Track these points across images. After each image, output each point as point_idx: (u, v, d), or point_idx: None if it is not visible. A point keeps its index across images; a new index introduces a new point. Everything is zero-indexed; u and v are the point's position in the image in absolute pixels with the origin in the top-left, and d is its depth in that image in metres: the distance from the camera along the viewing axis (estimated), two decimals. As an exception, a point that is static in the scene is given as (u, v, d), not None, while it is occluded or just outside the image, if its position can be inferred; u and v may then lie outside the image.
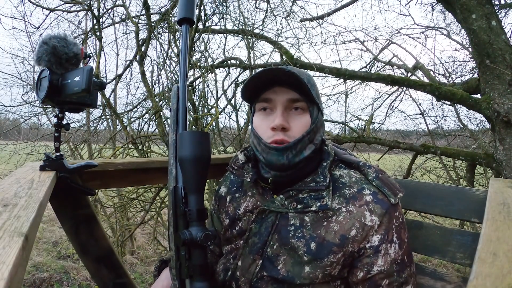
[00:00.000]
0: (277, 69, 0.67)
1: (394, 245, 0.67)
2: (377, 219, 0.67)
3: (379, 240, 0.66)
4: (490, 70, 1.88)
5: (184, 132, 0.62)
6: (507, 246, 0.49)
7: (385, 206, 0.68)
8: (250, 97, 0.75)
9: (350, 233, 0.67)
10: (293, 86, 0.70)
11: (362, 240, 0.67)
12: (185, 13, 0.70)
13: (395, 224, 0.68)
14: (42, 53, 0.71)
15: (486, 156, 2.08)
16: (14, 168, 2.79)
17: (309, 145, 0.70)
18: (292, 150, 0.68)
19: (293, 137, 0.69)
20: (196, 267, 0.58)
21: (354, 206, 0.68)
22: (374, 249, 0.66)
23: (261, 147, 0.72)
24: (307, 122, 0.71)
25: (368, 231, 0.66)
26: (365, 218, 0.67)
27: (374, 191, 0.69)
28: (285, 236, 0.70)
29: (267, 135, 0.70)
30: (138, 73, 2.53)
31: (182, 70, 0.68)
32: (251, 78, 0.69)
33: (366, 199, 0.68)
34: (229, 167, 0.82)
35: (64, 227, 0.95)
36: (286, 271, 0.69)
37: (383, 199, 0.68)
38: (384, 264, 0.66)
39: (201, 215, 0.59)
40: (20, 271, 0.36)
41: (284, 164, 0.68)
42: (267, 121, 0.71)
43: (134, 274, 2.67)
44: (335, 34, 3.77)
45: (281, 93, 0.70)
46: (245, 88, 0.71)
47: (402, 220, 0.70)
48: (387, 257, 0.67)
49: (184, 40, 0.70)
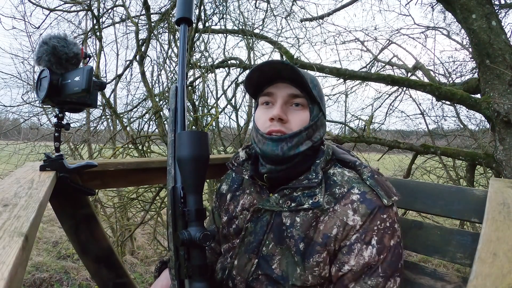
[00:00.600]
0: (276, 61, 0.69)
1: (371, 248, 0.64)
2: (359, 219, 0.65)
3: (355, 239, 0.65)
4: (490, 70, 1.88)
5: (182, 132, 0.62)
6: (507, 246, 0.49)
7: (371, 206, 0.66)
8: (254, 92, 0.78)
9: (332, 232, 0.66)
10: (295, 82, 0.71)
11: (343, 239, 0.66)
12: (183, 13, 0.69)
13: (378, 226, 0.65)
14: (42, 53, 0.71)
15: (486, 156, 2.08)
16: (14, 168, 2.79)
17: (306, 141, 0.71)
18: (288, 143, 0.69)
19: (291, 129, 0.70)
20: (195, 267, 0.58)
21: (339, 205, 0.68)
22: (348, 247, 0.65)
23: (257, 138, 0.73)
24: (306, 118, 0.71)
25: (349, 230, 0.65)
26: (348, 217, 0.66)
27: (363, 191, 0.68)
28: (279, 235, 0.70)
29: (265, 125, 0.72)
30: (138, 73, 2.53)
31: (181, 70, 0.68)
32: (253, 71, 0.71)
33: (352, 198, 0.67)
34: (229, 163, 0.83)
35: (64, 227, 0.95)
36: (280, 271, 0.69)
37: (372, 199, 0.66)
38: (355, 265, 0.64)
39: (200, 215, 0.59)
40: (20, 271, 0.36)
41: (278, 155, 0.69)
42: (267, 114, 0.73)
43: (134, 274, 2.67)
44: (335, 34, 3.77)
45: (283, 88, 0.72)
46: (248, 81, 0.74)
47: (391, 225, 0.66)
48: (359, 258, 0.64)
49: (182, 40, 0.70)
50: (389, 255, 0.64)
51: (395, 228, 0.67)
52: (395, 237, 0.66)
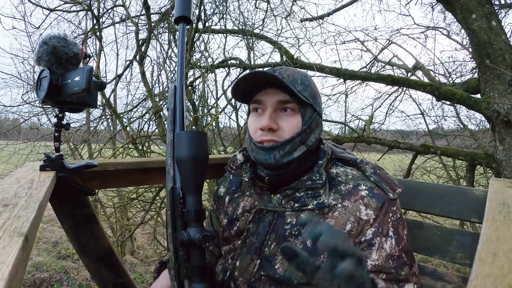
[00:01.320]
0: (258, 72, 0.68)
1: (390, 239, 0.66)
2: (372, 213, 0.66)
3: (373, 233, 0.66)
4: (490, 70, 1.88)
5: (181, 132, 0.61)
6: (507, 246, 0.49)
7: (381, 200, 0.67)
8: (244, 98, 0.77)
9: (346, 228, 0.66)
10: (283, 88, 0.70)
11: (358, 234, 0.66)
12: (182, 11, 0.69)
13: (391, 218, 0.67)
14: (42, 53, 0.71)
15: (486, 156, 2.08)
16: (14, 168, 2.79)
17: (300, 147, 0.70)
18: (280, 151, 0.69)
19: (282, 137, 0.70)
20: (195, 268, 0.58)
21: (349, 201, 0.68)
22: (368, 242, 0.66)
23: (251, 147, 0.74)
24: (297, 123, 0.71)
25: (363, 225, 0.66)
26: (360, 212, 0.67)
27: (370, 186, 0.69)
28: (282, 235, 0.70)
29: (257, 134, 0.72)
30: (138, 73, 2.53)
31: (179, 69, 0.68)
32: (237, 83, 0.71)
33: (361, 194, 0.68)
34: (227, 166, 0.83)
35: (64, 227, 0.95)
36: (283, 271, 0.69)
37: (379, 194, 0.68)
38: (379, 258, 0.64)
39: (199, 215, 0.59)
40: (20, 271, 0.36)
41: (271, 164, 0.69)
42: (257, 122, 0.73)
43: (134, 274, 2.67)
44: (335, 34, 3.76)
45: (272, 94, 0.71)
46: (235, 90, 0.73)
47: (400, 216, 0.69)
48: (381, 251, 0.65)
49: (181, 39, 0.69)
50: (406, 244, 0.68)
51: (403, 219, 0.70)
52: (405, 227, 0.70)
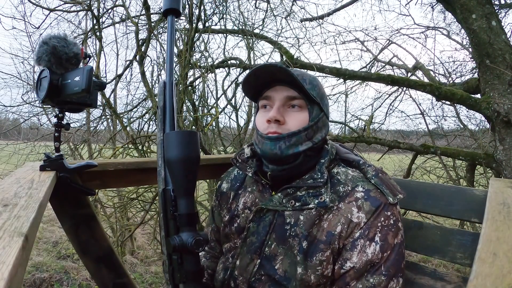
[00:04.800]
0: (270, 65, 0.68)
1: (375, 245, 0.63)
2: (364, 216, 0.65)
3: (359, 235, 0.64)
4: (490, 70, 1.88)
5: (170, 132, 0.59)
6: (507, 246, 0.49)
7: (375, 203, 0.65)
8: (254, 96, 0.78)
9: (336, 230, 0.66)
10: (292, 85, 0.71)
11: (347, 237, 0.65)
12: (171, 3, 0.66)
13: (382, 223, 0.65)
14: (42, 53, 0.71)
15: (486, 156, 2.08)
16: (14, 168, 2.79)
17: (306, 142, 0.70)
18: (286, 142, 0.69)
19: (288, 130, 0.70)
20: (189, 273, 0.57)
21: (343, 203, 0.67)
22: (351, 243, 0.65)
23: (258, 139, 0.74)
24: (304, 119, 0.71)
25: (353, 228, 0.65)
26: (352, 214, 0.66)
27: (367, 189, 0.68)
28: (282, 235, 0.70)
29: (263, 127, 0.73)
30: (138, 73, 2.53)
31: (168, 65, 0.65)
32: (248, 75, 0.71)
33: (356, 195, 0.67)
34: (233, 159, 0.83)
35: (64, 227, 0.95)
36: (283, 271, 0.68)
37: (376, 197, 0.66)
38: (358, 262, 0.63)
39: (192, 220, 0.58)
40: (20, 271, 0.36)
41: (277, 155, 0.69)
42: (265, 116, 0.73)
43: (134, 274, 2.67)
44: (335, 34, 3.76)
45: (281, 90, 0.72)
46: (245, 86, 0.74)
47: (395, 223, 0.66)
48: (362, 255, 0.63)
49: (170, 32, 0.66)
50: (393, 253, 0.64)
51: (399, 226, 0.66)
52: (399, 235, 0.66)
